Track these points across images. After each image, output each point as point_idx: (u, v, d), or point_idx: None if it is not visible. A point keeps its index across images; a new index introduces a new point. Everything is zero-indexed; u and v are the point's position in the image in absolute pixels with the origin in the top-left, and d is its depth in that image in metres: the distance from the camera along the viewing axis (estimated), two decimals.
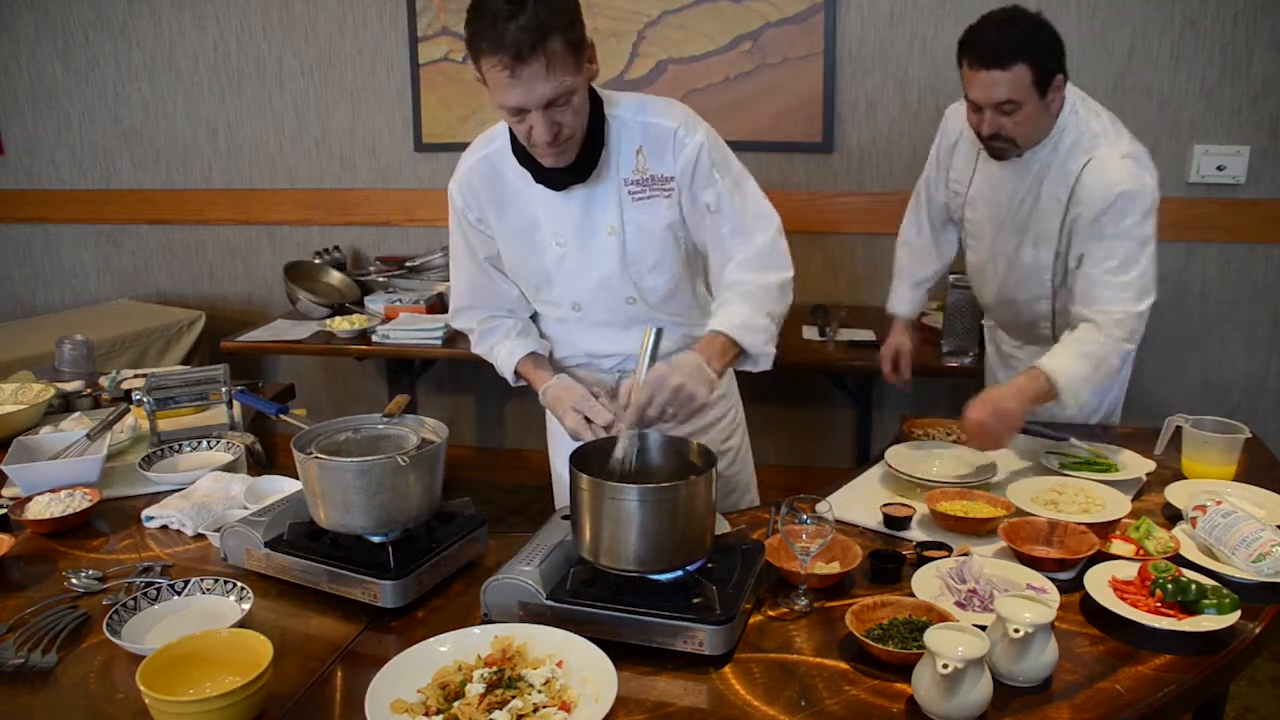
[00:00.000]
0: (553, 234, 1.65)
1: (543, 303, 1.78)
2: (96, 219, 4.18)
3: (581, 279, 1.68)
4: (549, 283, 1.72)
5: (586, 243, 1.64)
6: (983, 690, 1.07)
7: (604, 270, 1.66)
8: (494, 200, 1.67)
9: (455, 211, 1.73)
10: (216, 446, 1.94)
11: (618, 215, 1.62)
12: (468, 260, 1.77)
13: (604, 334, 1.76)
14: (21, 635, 1.28)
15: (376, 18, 3.67)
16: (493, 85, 1.42)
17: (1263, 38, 3.02)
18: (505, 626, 1.23)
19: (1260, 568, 1.35)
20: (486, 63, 1.39)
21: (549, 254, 1.67)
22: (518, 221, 1.67)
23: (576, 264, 1.66)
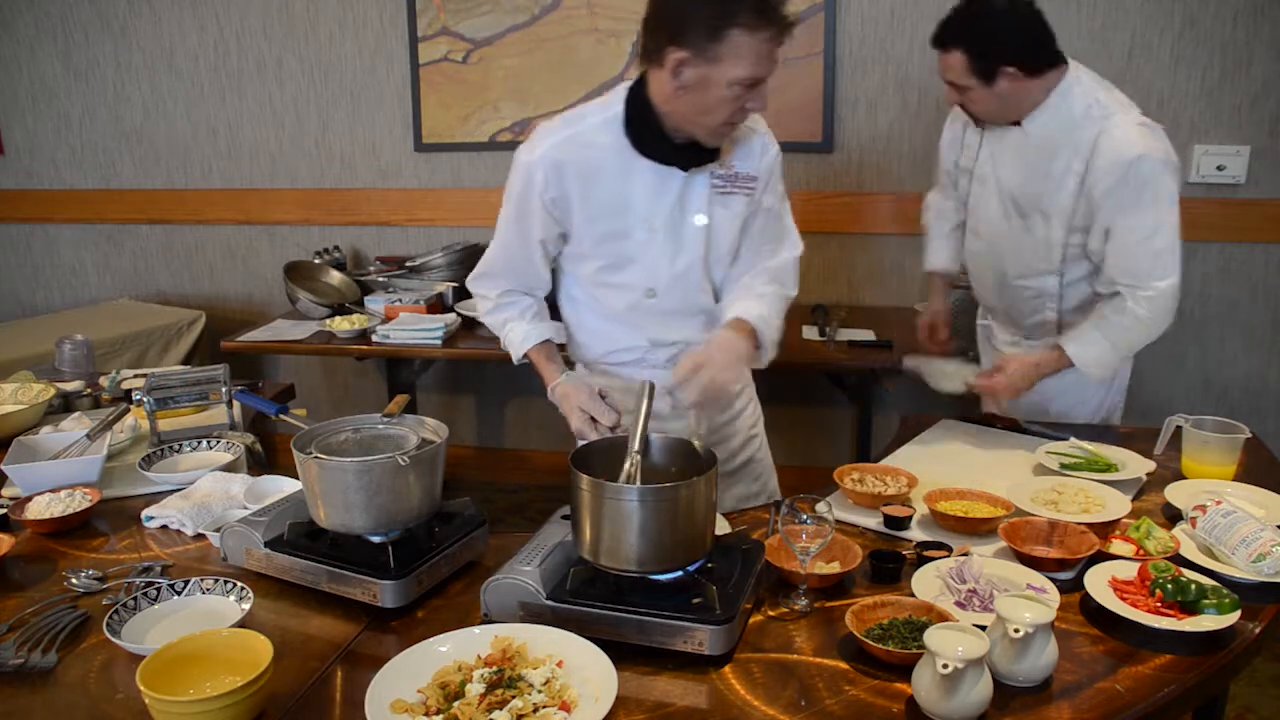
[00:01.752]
0: (645, 218, 1.67)
1: (612, 286, 1.75)
2: (96, 219, 4.19)
3: (665, 265, 1.71)
4: (629, 264, 1.72)
5: (676, 230, 1.69)
6: (983, 690, 1.07)
7: (689, 258, 1.71)
8: (582, 179, 1.65)
9: (525, 186, 1.67)
10: (216, 446, 1.94)
11: (706, 205, 1.68)
12: (516, 235, 1.74)
13: (670, 321, 1.78)
14: (21, 635, 1.28)
15: (376, 18, 3.67)
16: (740, 54, 1.46)
17: (1263, 38, 3.02)
18: (505, 626, 1.23)
19: (1260, 568, 1.35)
20: (744, 32, 1.44)
21: (636, 237, 1.68)
22: (607, 202, 1.66)
23: (662, 250, 1.69)
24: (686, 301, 1.76)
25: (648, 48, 1.55)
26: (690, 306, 1.78)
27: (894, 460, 1.85)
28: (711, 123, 1.55)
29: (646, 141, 1.61)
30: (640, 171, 1.64)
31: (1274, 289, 3.23)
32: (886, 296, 3.51)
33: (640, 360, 1.82)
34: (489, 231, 1.74)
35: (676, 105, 1.55)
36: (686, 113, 1.55)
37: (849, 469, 1.72)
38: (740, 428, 1.96)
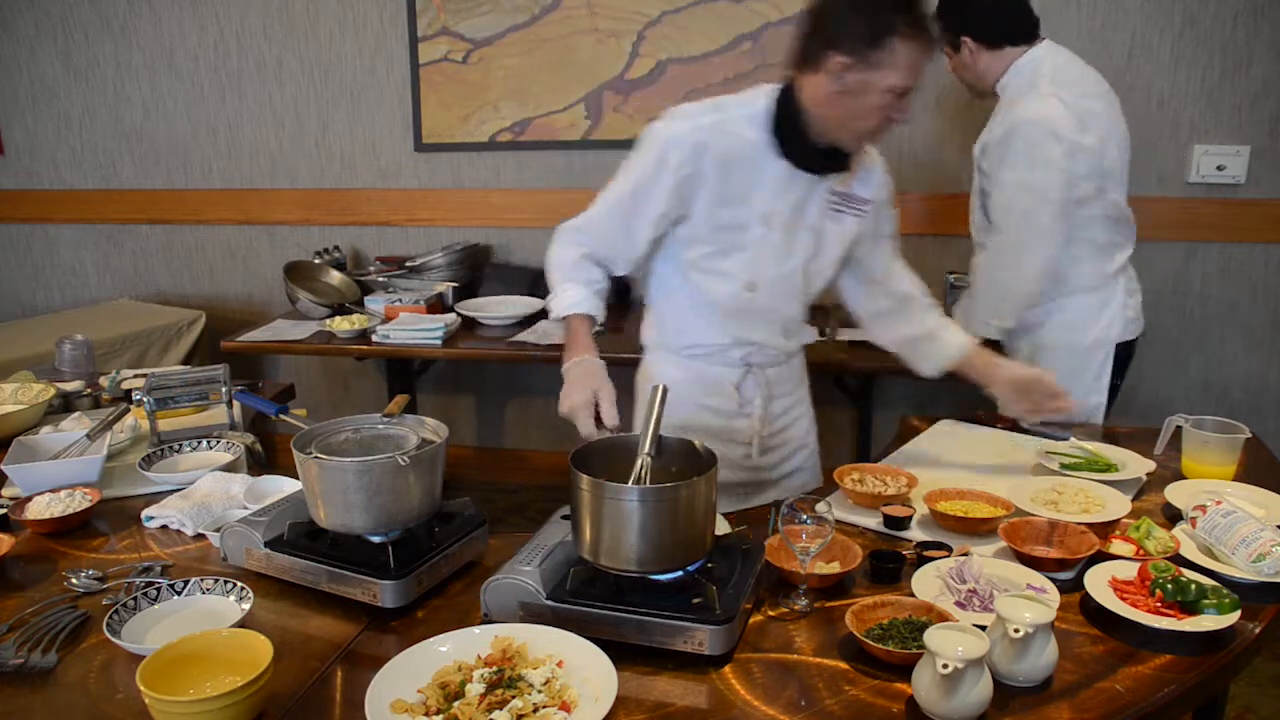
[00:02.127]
0: (765, 214, 1.71)
1: (715, 273, 1.76)
2: (96, 219, 4.19)
3: (770, 263, 1.75)
4: (737, 254, 1.74)
5: (790, 232, 1.73)
6: (983, 690, 1.07)
7: (793, 263, 1.76)
8: (718, 164, 1.67)
9: (660, 160, 1.67)
10: (216, 446, 1.94)
11: (819, 218, 1.75)
12: (630, 205, 1.72)
13: (758, 321, 1.82)
14: (21, 635, 1.28)
15: (376, 18, 3.67)
16: (898, 64, 1.53)
17: (1263, 38, 3.02)
18: (505, 626, 1.23)
19: (1260, 568, 1.35)
20: (904, 42, 1.51)
21: (752, 231, 1.72)
22: (735, 192, 1.69)
23: (773, 248, 1.73)
24: (778, 304, 1.82)
25: (804, 53, 1.60)
26: (780, 311, 1.83)
27: (894, 460, 1.86)
28: (861, 128, 1.62)
29: (789, 142, 1.66)
30: (773, 169, 1.69)
31: (1274, 289, 3.23)
32: None
33: (718, 355, 1.84)
34: (489, 231, 1.74)
35: (831, 109, 1.60)
36: (839, 117, 1.61)
37: (849, 469, 1.72)
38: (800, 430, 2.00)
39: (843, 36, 1.54)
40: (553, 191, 3.66)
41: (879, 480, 1.69)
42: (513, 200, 3.72)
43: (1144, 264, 3.26)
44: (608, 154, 3.59)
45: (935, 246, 3.34)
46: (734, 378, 1.85)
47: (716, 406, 1.86)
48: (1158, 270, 3.26)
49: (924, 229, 3.35)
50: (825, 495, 1.62)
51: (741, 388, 1.85)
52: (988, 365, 1.86)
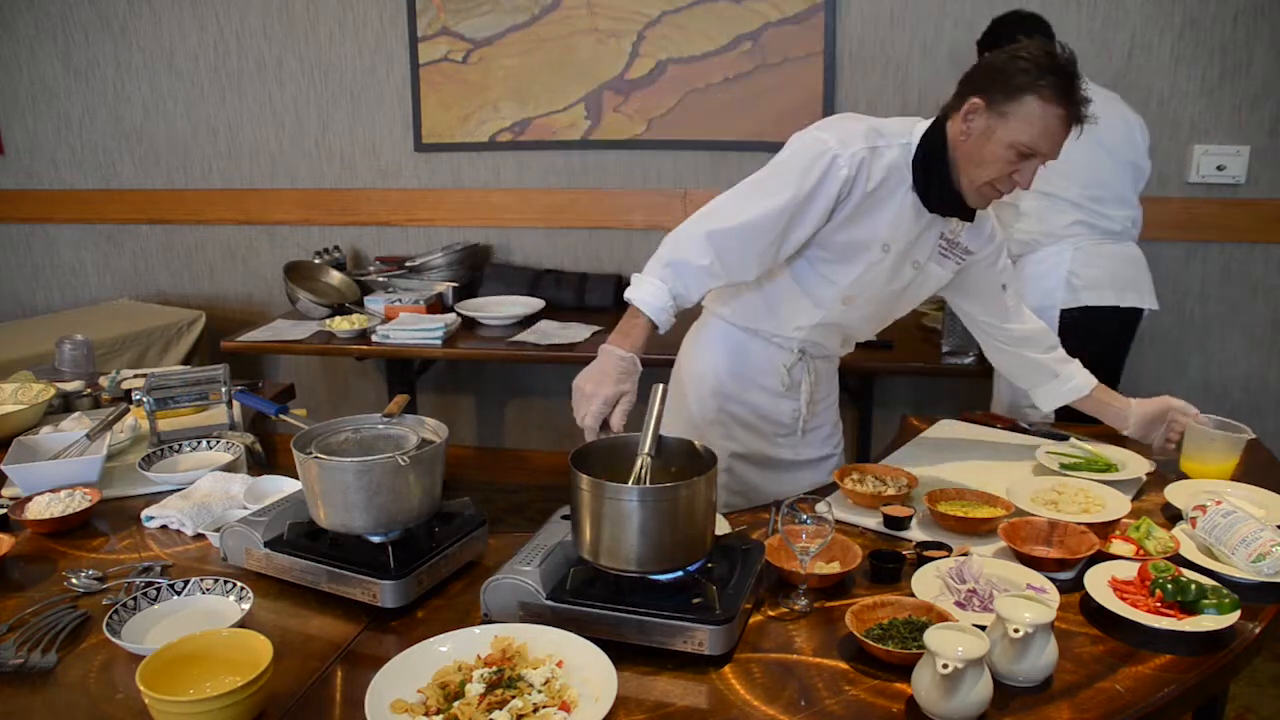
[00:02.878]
0: (885, 240, 1.73)
1: (822, 277, 1.80)
2: (96, 219, 4.19)
3: (876, 283, 1.79)
4: (849, 265, 1.77)
5: (899, 262, 1.78)
6: (983, 690, 1.07)
7: (895, 287, 1.82)
8: (870, 187, 1.69)
9: (824, 169, 1.65)
10: (216, 446, 1.94)
11: (926, 257, 1.79)
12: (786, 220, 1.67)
13: (832, 333, 1.90)
14: (21, 635, 1.28)
15: (376, 18, 3.67)
16: (1028, 121, 1.55)
17: (1263, 38, 3.03)
18: (505, 626, 1.23)
19: (1260, 568, 1.35)
20: (1038, 101, 1.54)
21: (872, 253, 1.75)
22: (869, 211, 1.71)
23: (881, 273, 1.77)
24: (862, 323, 1.90)
25: (958, 93, 1.65)
26: (858, 329, 1.93)
27: (894, 460, 1.86)
28: (979, 177, 1.64)
29: (925, 179, 1.70)
30: (905, 200, 1.72)
31: (1274, 289, 3.23)
32: None
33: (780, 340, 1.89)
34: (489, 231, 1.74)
35: (957, 151, 1.65)
36: (964, 160, 1.65)
37: (849, 469, 1.72)
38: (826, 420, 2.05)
39: (989, 83, 1.59)
40: (553, 191, 3.66)
41: (879, 480, 1.70)
42: (513, 200, 3.72)
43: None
44: (608, 154, 3.59)
45: None
46: (788, 360, 1.90)
47: (766, 385, 1.92)
48: (1158, 270, 3.25)
49: None
50: (825, 495, 1.62)
51: (792, 371, 1.91)
52: (1116, 406, 1.94)
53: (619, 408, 1.54)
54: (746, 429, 1.95)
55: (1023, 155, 1.58)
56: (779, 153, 1.72)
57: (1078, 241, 2.59)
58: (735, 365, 1.92)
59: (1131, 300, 2.64)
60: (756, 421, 1.95)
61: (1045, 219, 2.59)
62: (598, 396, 1.53)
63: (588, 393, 1.54)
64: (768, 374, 1.91)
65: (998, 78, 1.58)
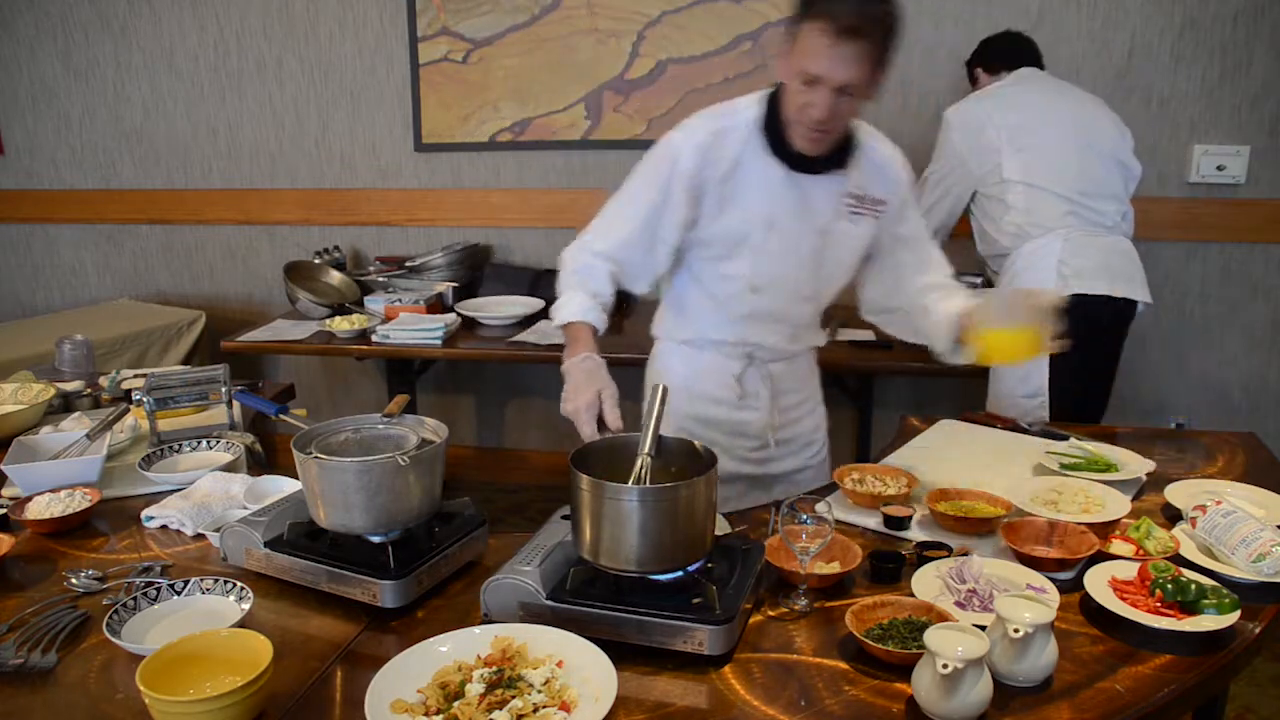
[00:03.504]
0: (767, 214, 1.70)
1: (721, 274, 1.77)
2: (96, 219, 4.19)
3: (776, 264, 1.74)
4: (742, 256, 1.74)
5: (795, 233, 1.72)
6: (983, 690, 1.07)
7: (800, 262, 1.74)
8: (724, 167, 1.68)
9: (671, 167, 1.68)
10: (216, 446, 1.94)
11: (830, 220, 1.72)
12: (644, 216, 1.71)
13: (761, 323, 1.81)
14: (21, 635, 1.28)
15: (376, 18, 3.67)
16: (805, 48, 1.51)
17: (1263, 38, 3.03)
18: (505, 626, 1.23)
19: (1260, 568, 1.35)
20: (813, 24, 1.49)
21: (755, 234, 1.71)
22: (737, 194, 1.69)
23: (778, 249, 1.72)
24: (785, 306, 1.81)
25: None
26: (787, 313, 1.82)
27: (894, 460, 1.86)
28: (789, 116, 1.60)
29: (777, 142, 1.66)
30: (771, 172, 1.68)
31: (1274, 289, 3.23)
32: None
33: (720, 348, 1.84)
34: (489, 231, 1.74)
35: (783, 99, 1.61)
36: (786, 107, 1.61)
37: (849, 469, 1.72)
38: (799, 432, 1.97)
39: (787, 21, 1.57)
40: (553, 191, 3.66)
41: (879, 480, 1.69)
42: (513, 200, 3.72)
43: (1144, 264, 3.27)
44: (608, 154, 3.59)
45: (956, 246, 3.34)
46: (735, 369, 1.85)
47: (719, 397, 1.86)
48: (1158, 270, 3.26)
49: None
50: (825, 495, 1.62)
51: (743, 380, 1.85)
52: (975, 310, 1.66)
53: (606, 406, 1.54)
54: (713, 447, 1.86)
55: (808, 82, 1.53)
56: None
57: (1068, 233, 2.57)
58: (687, 382, 1.84)
59: (1123, 290, 2.59)
60: (718, 438, 1.84)
61: (1034, 211, 2.59)
62: (580, 407, 1.54)
63: (570, 410, 1.57)
64: (719, 386, 1.85)
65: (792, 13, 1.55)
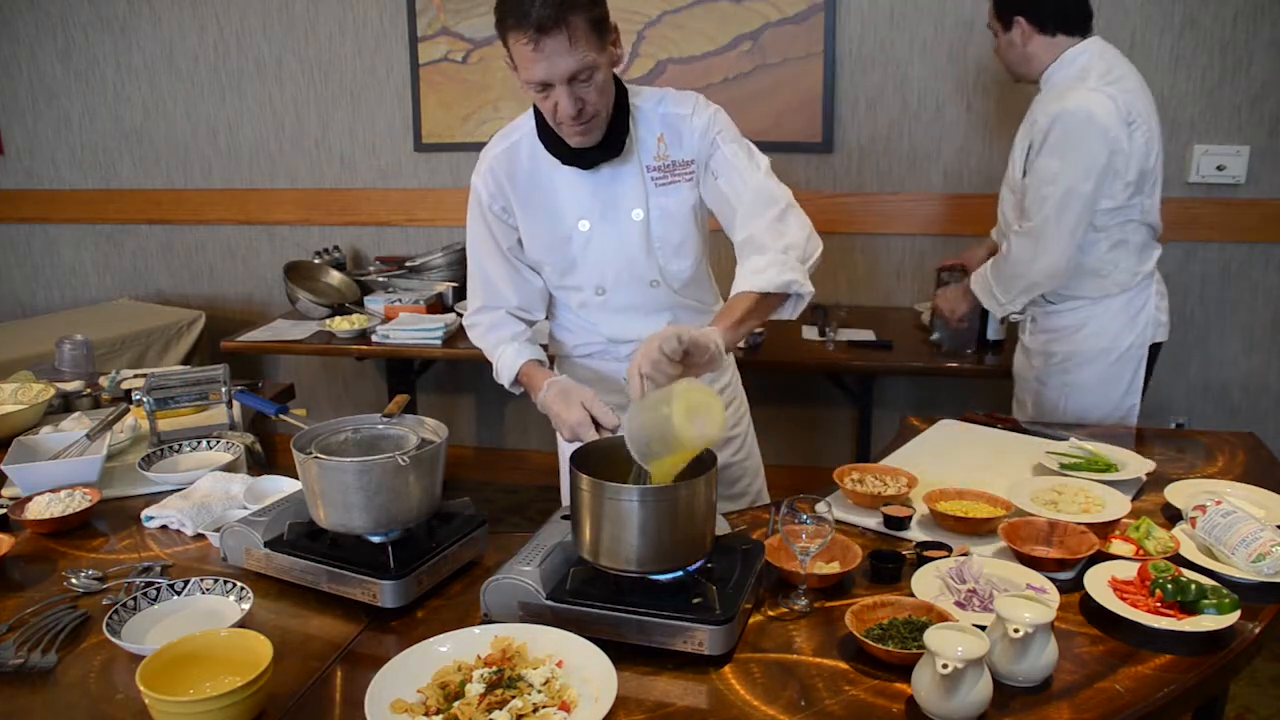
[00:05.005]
0: (577, 216, 1.69)
1: (566, 288, 1.79)
2: (96, 219, 4.19)
3: (607, 261, 1.73)
4: (574, 266, 1.74)
5: (612, 225, 1.70)
6: (982, 690, 1.07)
7: (629, 252, 1.72)
8: (519, 186, 1.70)
9: (478, 204, 1.74)
10: (216, 446, 1.94)
11: (642, 199, 1.69)
12: (490, 253, 1.77)
13: (626, 319, 1.79)
14: (21, 635, 1.28)
15: (376, 18, 3.67)
16: (520, 61, 1.51)
17: (1263, 38, 3.03)
18: (505, 626, 1.23)
19: (1260, 568, 1.35)
20: (513, 39, 1.48)
21: (575, 237, 1.71)
22: (543, 205, 1.70)
23: (601, 246, 1.71)
24: (637, 297, 1.77)
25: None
26: (642, 302, 1.77)
27: (894, 460, 1.85)
28: (553, 123, 1.60)
29: (556, 147, 1.66)
30: (563, 174, 1.69)
31: (1274, 289, 3.23)
32: (886, 296, 3.51)
33: (603, 353, 1.85)
34: None
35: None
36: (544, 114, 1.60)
37: (849, 469, 1.72)
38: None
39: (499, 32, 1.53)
40: None
41: (879, 480, 1.69)
42: None
43: None
44: None
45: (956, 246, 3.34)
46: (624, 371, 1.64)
47: (618, 403, 1.70)
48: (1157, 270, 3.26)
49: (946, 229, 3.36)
50: (825, 495, 1.62)
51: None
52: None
53: (596, 411, 1.56)
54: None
55: (541, 89, 1.53)
56: None
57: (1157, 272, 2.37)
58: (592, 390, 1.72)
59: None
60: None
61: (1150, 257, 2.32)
62: (574, 425, 1.57)
63: (568, 434, 1.59)
64: (614, 392, 1.78)
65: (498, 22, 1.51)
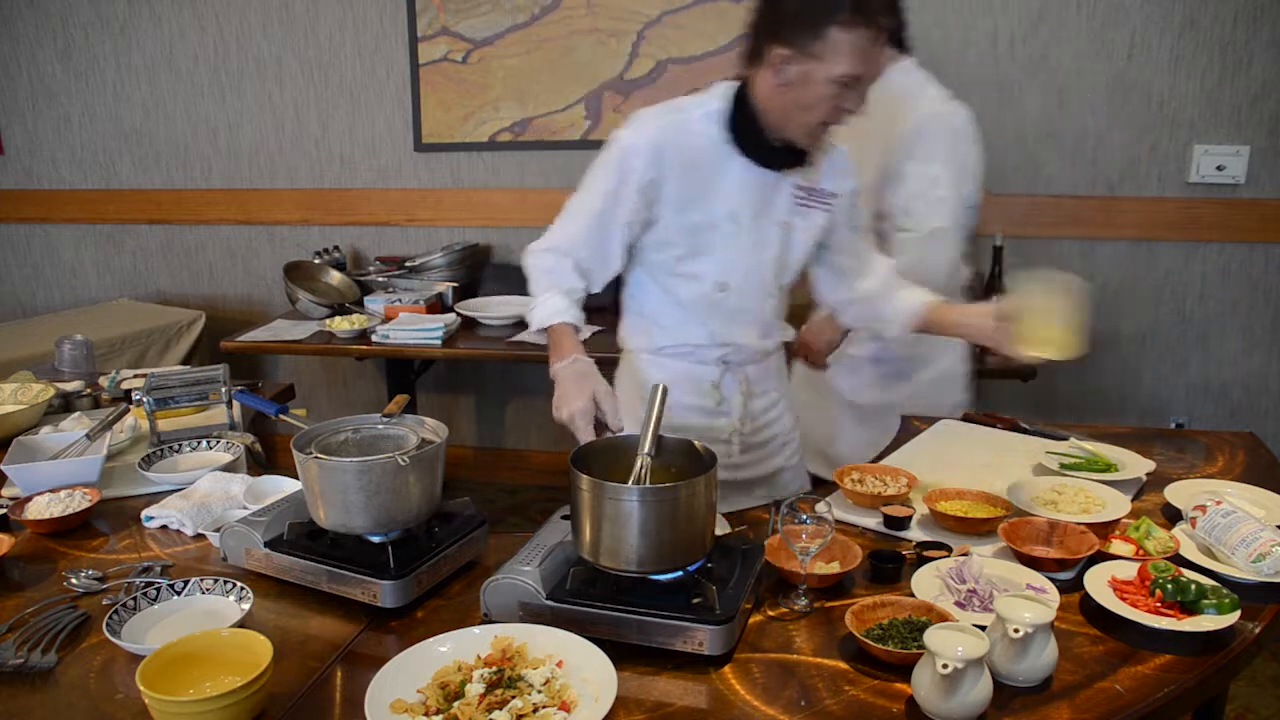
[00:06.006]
0: (731, 212, 1.69)
1: (683, 276, 1.76)
2: (96, 219, 4.19)
3: (741, 260, 1.74)
4: (705, 255, 1.73)
5: (758, 227, 1.72)
6: (982, 690, 1.07)
7: (763, 257, 1.75)
8: (679, 165, 1.66)
9: (623, 167, 1.66)
10: (216, 446, 1.94)
11: (788, 212, 1.73)
12: (599, 214, 1.69)
13: (733, 321, 1.81)
14: (21, 635, 1.28)
15: (376, 18, 3.67)
16: (833, 52, 1.50)
17: (1263, 38, 3.03)
18: (505, 626, 1.23)
19: (1260, 568, 1.35)
20: (838, 28, 1.48)
21: (721, 227, 1.71)
22: (698, 187, 1.68)
23: (742, 244, 1.72)
24: (751, 302, 1.80)
25: (752, 48, 1.59)
26: (754, 309, 1.81)
27: (894, 460, 1.85)
28: (809, 120, 1.58)
29: (746, 139, 1.65)
30: (734, 167, 1.67)
31: (1274, 289, 3.23)
32: None
33: (695, 354, 1.82)
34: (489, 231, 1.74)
35: (777, 102, 1.58)
36: (787, 109, 1.58)
37: (849, 469, 1.72)
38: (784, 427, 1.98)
39: (784, 28, 1.52)
40: (553, 191, 3.66)
41: (879, 480, 1.69)
42: (512, 200, 3.72)
43: (1144, 264, 3.28)
44: None
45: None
46: (713, 376, 1.83)
47: (697, 405, 1.83)
48: (1158, 270, 3.26)
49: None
50: (825, 495, 1.62)
51: (721, 385, 1.84)
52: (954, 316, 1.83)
53: (605, 407, 1.54)
54: None
55: (846, 85, 1.53)
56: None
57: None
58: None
59: None
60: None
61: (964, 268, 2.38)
62: (575, 413, 1.54)
63: (565, 416, 1.55)
64: (697, 394, 1.83)
65: (792, 19, 1.52)
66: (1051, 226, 3.29)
